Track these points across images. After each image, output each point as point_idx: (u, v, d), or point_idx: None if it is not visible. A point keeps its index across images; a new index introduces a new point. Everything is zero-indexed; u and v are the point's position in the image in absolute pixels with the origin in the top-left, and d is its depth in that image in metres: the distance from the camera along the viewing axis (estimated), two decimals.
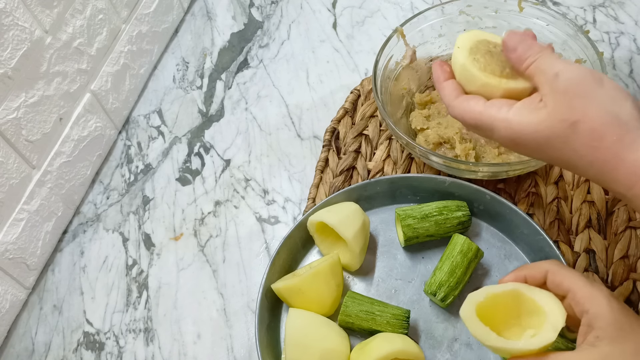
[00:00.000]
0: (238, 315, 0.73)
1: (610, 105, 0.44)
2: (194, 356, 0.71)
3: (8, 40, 0.67)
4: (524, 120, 0.46)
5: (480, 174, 0.69)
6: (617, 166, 0.43)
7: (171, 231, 0.81)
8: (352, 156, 0.80)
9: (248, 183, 0.83)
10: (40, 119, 0.74)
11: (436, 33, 0.80)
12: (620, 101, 0.44)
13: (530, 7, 0.75)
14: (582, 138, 0.44)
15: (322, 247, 0.72)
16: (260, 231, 0.78)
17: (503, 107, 0.48)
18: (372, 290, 0.70)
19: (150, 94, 0.95)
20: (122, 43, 0.88)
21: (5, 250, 0.72)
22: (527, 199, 0.73)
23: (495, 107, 0.48)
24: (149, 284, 0.77)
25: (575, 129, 0.44)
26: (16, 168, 0.72)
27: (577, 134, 0.44)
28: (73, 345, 0.74)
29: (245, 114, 0.90)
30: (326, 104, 0.89)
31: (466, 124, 0.51)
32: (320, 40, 0.97)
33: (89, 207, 0.85)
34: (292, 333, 0.62)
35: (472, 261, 0.66)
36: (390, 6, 0.99)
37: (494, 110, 0.48)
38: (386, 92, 0.76)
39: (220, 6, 1.05)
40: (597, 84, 0.44)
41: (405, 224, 0.69)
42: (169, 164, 0.87)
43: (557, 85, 0.45)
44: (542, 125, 0.45)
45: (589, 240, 0.70)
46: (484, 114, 0.49)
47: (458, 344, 0.65)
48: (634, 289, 0.66)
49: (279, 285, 0.66)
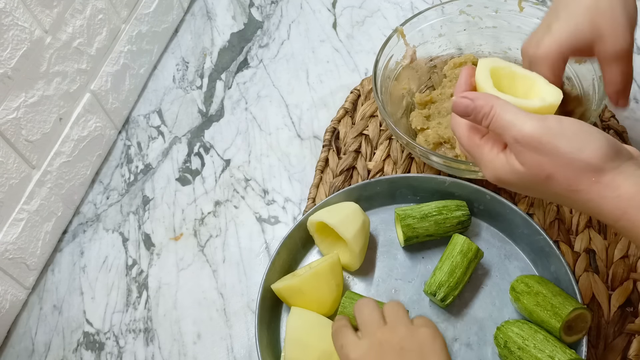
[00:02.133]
0: (238, 315, 0.72)
1: (579, 152, 0.44)
2: (194, 356, 0.71)
3: (8, 40, 0.67)
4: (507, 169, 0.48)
5: (481, 174, 0.69)
6: (601, 204, 0.44)
7: (171, 231, 0.80)
8: (352, 156, 0.80)
9: (248, 183, 0.83)
10: (40, 119, 0.74)
11: (436, 33, 0.80)
12: (587, 145, 0.44)
13: (531, 7, 0.75)
14: (560, 185, 0.46)
15: (322, 247, 0.72)
16: (260, 231, 0.78)
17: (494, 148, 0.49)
18: (372, 290, 0.70)
19: (150, 94, 0.95)
20: (122, 43, 0.88)
21: (5, 250, 0.72)
22: (527, 199, 0.73)
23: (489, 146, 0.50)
24: (149, 284, 0.77)
25: (551, 181, 0.46)
26: (16, 168, 0.71)
27: (554, 183, 0.46)
28: (73, 345, 0.74)
29: (245, 114, 0.90)
30: (326, 104, 0.89)
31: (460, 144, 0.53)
32: (320, 40, 0.97)
33: (88, 207, 0.85)
34: (292, 332, 0.62)
35: (472, 261, 0.66)
36: (390, 6, 0.99)
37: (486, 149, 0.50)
38: (386, 92, 0.76)
39: (220, 6, 1.05)
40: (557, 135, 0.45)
41: (405, 223, 0.69)
42: (168, 164, 0.87)
43: (519, 148, 0.46)
44: (519, 176, 0.47)
45: (589, 240, 0.70)
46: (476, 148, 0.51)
47: (458, 344, 0.65)
48: (634, 289, 0.66)
49: (278, 285, 0.66)
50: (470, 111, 0.49)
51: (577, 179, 0.45)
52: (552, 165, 0.45)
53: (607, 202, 0.44)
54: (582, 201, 0.45)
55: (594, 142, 0.44)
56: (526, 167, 0.46)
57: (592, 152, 0.44)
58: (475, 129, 0.51)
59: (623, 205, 0.44)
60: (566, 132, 0.45)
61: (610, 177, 0.44)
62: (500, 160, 0.48)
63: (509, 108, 0.47)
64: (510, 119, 0.46)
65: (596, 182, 0.44)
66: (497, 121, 0.47)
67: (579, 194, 0.45)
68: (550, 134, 0.45)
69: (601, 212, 0.45)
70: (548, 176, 0.45)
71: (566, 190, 0.46)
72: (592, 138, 0.45)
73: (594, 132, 0.45)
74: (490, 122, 0.48)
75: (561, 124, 0.45)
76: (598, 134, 0.45)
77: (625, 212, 0.44)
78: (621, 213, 0.44)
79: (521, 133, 0.46)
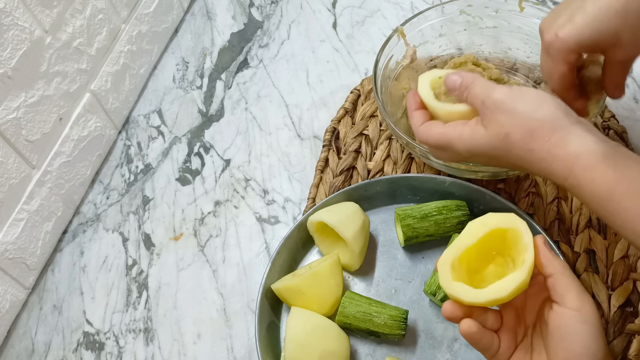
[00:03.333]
0: (238, 315, 0.72)
1: (533, 111, 0.50)
2: (194, 356, 0.71)
3: (8, 40, 0.67)
4: (473, 136, 0.53)
5: (480, 174, 0.69)
6: (552, 162, 0.49)
7: (171, 231, 0.81)
8: (352, 156, 0.80)
9: (248, 183, 0.83)
10: (40, 119, 0.74)
11: (436, 33, 0.80)
12: (542, 105, 0.50)
13: (531, 7, 0.75)
14: (518, 145, 0.50)
15: (322, 247, 0.72)
16: (260, 231, 0.78)
17: (458, 126, 0.55)
18: (372, 290, 0.70)
19: (150, 93, 0.95)
20: (122, 43, 0.88)
21: (5, 250, 0.72)
22: (527, 199, 0.73)
23: (451, 127, 0.56)
24: (149, 284, 0.77)
25: (509, 139, 0.50)
26: (16, 168, 0.71)
27: (513, 142, 0.50)
28: (73, 345, 0.74)
29: (245, 114, 0.90)
30: (326, 104, 0.89)
31: (430, 146, 0.58)
32: (320, 40, 0.97)
33: (88, 207, 0.85)
34: (292, 332, 0.62)
35: None
36: (390, 6, 0.99)
37: (450, 129, 0.55)
38: (386, 92, 0.76)
39: (220, 6, 1.05)
40: (517, 97, 0.51)
41: (405, 223, 0.69)
42: (168, 164, 0.87)
43: (485, 109, 0.52)
44: (485, 140, 0.52)
45: (589, 240, 0.70)
46: (443, 134, 0.56)
47: (458, 344, 0.65)
48: (634, 289, 0.66)
49: (278, 285, 0.66)
50: (458, 85, 0.56)
51: (532, 137, 0.49)
52: (510, 124, 0.50)
53: (557, 160, 0.48)
54: (536, 161, 0.49)
55: (547, 104, 0.50)
56: (489, 129, 0.52)
57: (545, 112, 0.49)
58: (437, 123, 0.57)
59: (570, 163, 0.47)
60: (525, 96, 0.51)
61: (560, 136, 0.48)
62: (466, 133, 0.54)
63: (483, 80, 0.54)
64: (484, 87, 0.53)
65: (548, 141, 0.48)
66: (474, 90, 0.54)
67: (533, 153, 0.49)
68: (511, 97, 0.51)
69: (552, 172, 0.49)
70: (506, 135, 0.50)
71: (523, 150, 0.50)
72: (546, 101, 0.50)
73: (548, 97, 0.50)
74: (469, 92, 0.54)
75: (521, 91, 0.51)
76: (552, 99, 0.50)
77: (571, 171, 0.47)
78: (568, 171, 0.48)
79: (490, 97, 0.52)
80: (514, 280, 0.48)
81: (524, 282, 0.48)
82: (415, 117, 0.60)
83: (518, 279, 0.48)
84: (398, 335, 0.64)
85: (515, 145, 0.50)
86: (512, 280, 0.48)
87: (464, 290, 0.49)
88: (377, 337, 0.65)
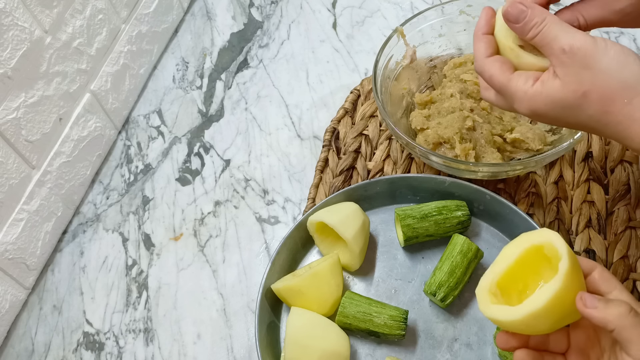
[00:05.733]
0: (238, 315, 0.72)
1: (617, 71, 0.45)
2: (194, 356, 0.71)
3: (8, 40, 0.67)
4: (543, 92, 0.48)
5: (480, 174, 0.69)
6: (630, 126, 0.45)
7: (171, 231, 0.80)
8: (352, 156, 0.80)
9: (248, 183, 0.83)
10: (39, 119, 0.74)
11: (436, 33, 0.80)
12: (626, 65, 0.45)
13: None
14: (594, 105, 0.46)
15: (322, 247, 0.72)
16: (260, 231, 0.78)
17: (529, 80, 0.49)
18: (372, 290, 0.70)
19: (150, 94, 0.95)
20: (121, 43, 0.88)
21: (5, 251, 0.72)
22: (527, 199, 0.73)
23: (522, 79, 0.50)
24: (149, 284, 0.77)
25: (586, 98, 0.46)
26: (16, 168, 0.71)
27: (589, 102, 0.46)
28: (73, 346, 0.74)
29: (245, 114, 0.90)
30: (326, 104, 0.89)
31: (490, 84, 0.52)
32: (320, 40, 0.97)
33: (88, 207, 0.85)
34: (292, 332, 0.62)
35: (472, 261, 0.66)
36: (390, 6, 0.99)
37: (521, 82, 0.49)
38: (386, 92, 0.76)
39: (220, 6, 1.05)
40: (602, 52, 0.46)
41: (405, 223, 0.69)
42: (168, 164, 0.87)
43: (564, 59, 0.47)
44: (557, 97, 0.47)
45: (589, 240, 0.70)
46: (511, 82, 0.50)
47: (458, 344, 0.65)
48: (634, 289, 0.66)
49: (278, 285, 0.66)
50: (523, 18, 0.49)
51: (611, 98, 0.45)
52: (591, 82, 0.46)
53: (636, 125, 0.45)
54: (612, 124, 0.46)
55: (633, 64, 0.45)
56: (565, 82, 0.47)
57: (629, 72, 0.45)
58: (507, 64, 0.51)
59: None
60: (609, 52, 0.46)
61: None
62: (535, 90, 0.48)
63: (559, 21, 0.48)
64: (561, 29, 0.47)
65: (628, 104, 0.45)
66: (548, 30, 0.47)
67: (610, 116, 0.46)
68: (596, 49, 0.46)
69: (629, 136, 0.46)
70: (584, 93, 0.46)
71: (599, 112, 0.46)
72: (632, 60, 0.46)
73: (632, 55, 0.46)
74: (540, 31, 0.48)
75: (606, 44, 0.46)
76: (635, 57, 0.46)
77: None
78: None
79: (570, 43, 0.46)
80: (549, 290, 0.45)
81: (561, 291, 0.45)
82: (483, 42, 0.53)
83: (553, 288, 0.45)
84: (398, 336, 0.64)
85: (591, 107, 0.46)
86: (546, 290, 0.45)
87: (501, 311, 0.47)
88: (377, 337, 0.65)
